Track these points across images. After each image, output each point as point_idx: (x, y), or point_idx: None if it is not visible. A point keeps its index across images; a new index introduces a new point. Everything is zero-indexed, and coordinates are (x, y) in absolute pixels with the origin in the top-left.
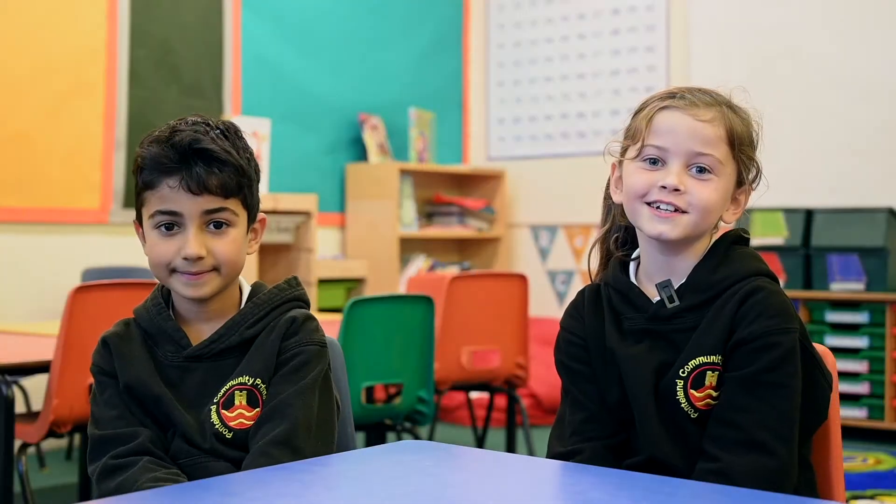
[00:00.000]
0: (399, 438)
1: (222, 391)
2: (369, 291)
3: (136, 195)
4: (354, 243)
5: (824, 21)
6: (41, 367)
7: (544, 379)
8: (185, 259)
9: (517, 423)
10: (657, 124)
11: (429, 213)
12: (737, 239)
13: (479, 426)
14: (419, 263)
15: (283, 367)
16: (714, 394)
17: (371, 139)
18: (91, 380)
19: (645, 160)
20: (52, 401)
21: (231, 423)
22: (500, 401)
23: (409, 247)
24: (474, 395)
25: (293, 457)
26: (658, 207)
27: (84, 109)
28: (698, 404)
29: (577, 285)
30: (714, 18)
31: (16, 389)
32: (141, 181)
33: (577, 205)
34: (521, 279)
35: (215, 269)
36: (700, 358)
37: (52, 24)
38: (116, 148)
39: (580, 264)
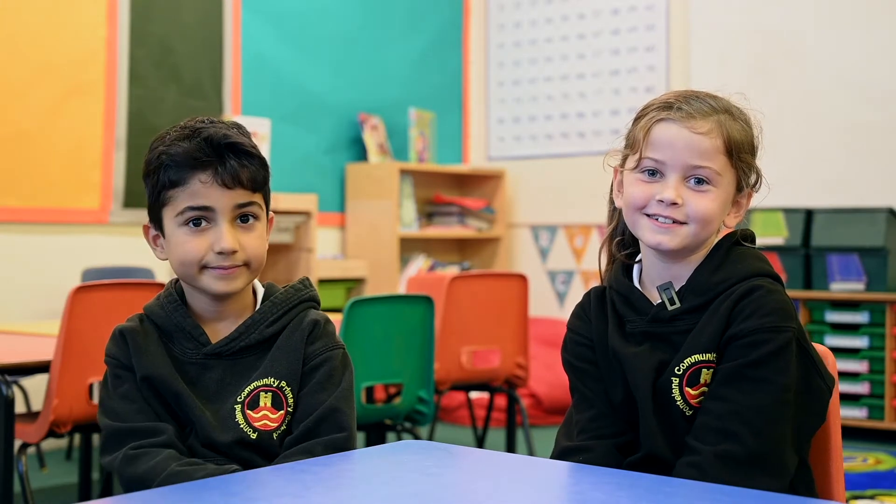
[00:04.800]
0: (399, 438)
1: (247, 391)
2: (369, 291)
3: (155, 195)
4: (354, 243)
5: (824, 20)
6: (41, 367)
7: (544, 379)
8: (221, 253)
9: (517, 423)
10: (654, 137)
11: (429, 213)
12: (738, 240)
13: (479, 426)
14: (419, 263)
15: (316, 374)
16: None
17: (371, 139)
18: (91, 379)
19: (643, 171)
20: (52, 401)
21: (256, 424)
22: (500, 401)
23: (409, 247)
24: (474, 395)
25: None
26: (657, 219)
27: (84, 109)
28: (693, 402)
29: (578, 285)
30: (714, 18)
31: (16, 389)
32: (166, 179)
33: (577, 205)
34: (521, 279)
35: (246, 264)
36: (695, 356)
37: (52, 24)
38: (116, 148)
39: (580, 264)
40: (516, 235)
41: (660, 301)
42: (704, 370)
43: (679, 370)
